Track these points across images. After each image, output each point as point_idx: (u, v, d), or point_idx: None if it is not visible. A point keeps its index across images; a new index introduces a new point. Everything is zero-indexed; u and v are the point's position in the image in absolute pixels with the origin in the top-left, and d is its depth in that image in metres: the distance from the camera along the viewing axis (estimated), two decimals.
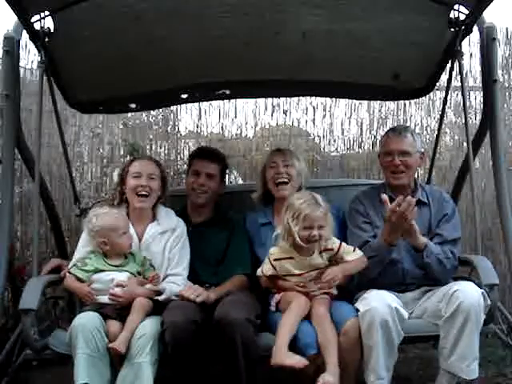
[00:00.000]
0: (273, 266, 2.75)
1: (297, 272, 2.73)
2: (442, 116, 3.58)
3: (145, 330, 2.50)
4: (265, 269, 2.78)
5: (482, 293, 2.54)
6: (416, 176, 3.19)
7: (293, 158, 3.12)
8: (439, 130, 3.62)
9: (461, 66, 3.04)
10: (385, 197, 2.69)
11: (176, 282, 2.77)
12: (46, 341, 2.67)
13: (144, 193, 2.84)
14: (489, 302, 2.55)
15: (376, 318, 2.48)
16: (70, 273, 2.70)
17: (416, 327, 2.65)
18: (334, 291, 2.73)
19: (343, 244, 2.76)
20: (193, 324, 2.49)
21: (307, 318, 2.62)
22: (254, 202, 3.27)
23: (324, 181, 4.11)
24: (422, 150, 3.01)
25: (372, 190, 3.05)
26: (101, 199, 3.00)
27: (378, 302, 2.54)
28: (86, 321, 2.49)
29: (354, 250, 2.75)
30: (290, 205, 2.73)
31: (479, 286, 2.60)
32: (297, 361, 2.40)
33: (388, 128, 4.34)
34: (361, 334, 2.52)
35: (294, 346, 2.51)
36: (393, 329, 2.51)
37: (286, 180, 3.05)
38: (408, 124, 4.64)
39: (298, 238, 2.66)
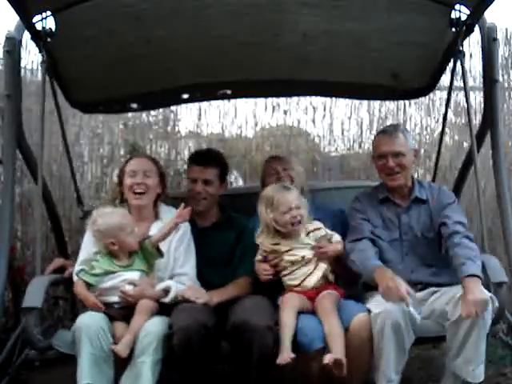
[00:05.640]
0: (263, 252, 2.80)
1: (285, 249, 2.77)
2: (445, 117, 3.58)
3: (149, 329, 2.47)
4: (256, 257, 2.83)
5: (491, 297, 2.49)
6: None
7: (290, 161, 3.16)
8: (443, 130, 3.63)
9: (463, 66, 3.04)
10: None
11: (182, 282, 2.74)
12: (50, 340, 2.66)
13: (140, 190, 2.82)
14: (497, 304, 2.52)
15: (389, 320, 2.45)
16: (78, 277, 2.64)
17: (425, 329, 2.60)
18: (323, 266, 2.75)
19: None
20: (203, 328, 2.44)
21: (312, 313, 2.64)
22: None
23: (324, 184, 4.12)
24: (415, 146, 3.00)
25: (371, 190, 3.04)
26: (102, 201, 2.98)
27: (391, 304, 2.49)
28: (91, 320, 2.46)
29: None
30: (261, 198, 2.81)
31: (488, 286, 2.57)
32: (281, 358, 2.41)
33: None
34: (370, 334, 2.50)
35: (300, 342, 2.51)
36: (405, 332, 2.48)
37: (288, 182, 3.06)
38: (408, 124, 4.64)
39: (273, 223, 2.74)
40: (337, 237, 2.83)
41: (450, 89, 3.42)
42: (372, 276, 2.62)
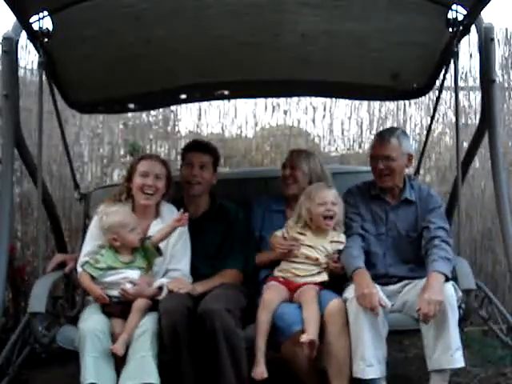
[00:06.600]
0: (286, 232, 2.93)
1: (308, 243, 2.88)
2: (433, 114, 3.64)
3: (145, 326, 2.59)
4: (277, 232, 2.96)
5: (453, 284, 2.66)
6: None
7: (301, 160, 3.18)
8: (430, 125, 3.68)
9: (456, 67, 3.04)
10: None
11: (174, 277, 2.83)
12: (54, 334, 2.78)
13: (150, 192, 2.90)
14: (460, 293, 2.66)
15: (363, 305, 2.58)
16: (83, 269, 2.76)
17: (396, 322, 2.72)
18: (325, 277, 2.87)
19: None
20: (185, 308, 2.57)
21: (292, 302, 2.77)
22: (249, 190, 3.44)
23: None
24: (411, 151, 3.06)
25: (364, 185, 3.14)
26: (110, 196, 3.01)
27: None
28: (93, 324, 2.59)
29: None
30: (303, 193, 2.96)
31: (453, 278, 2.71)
32: (255, 372, 2.56)
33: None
34: (345, 318, 2.63)
35: (279, 327, 2.64)
36: (379, 318, 2.59)
37: (289, 182, 3.16)
38: (408, 124, 4.65)
39: (307, 214, 2.87)
40: None
41: (441, 88, 3.44)
42: (352, 275, 2.74)
